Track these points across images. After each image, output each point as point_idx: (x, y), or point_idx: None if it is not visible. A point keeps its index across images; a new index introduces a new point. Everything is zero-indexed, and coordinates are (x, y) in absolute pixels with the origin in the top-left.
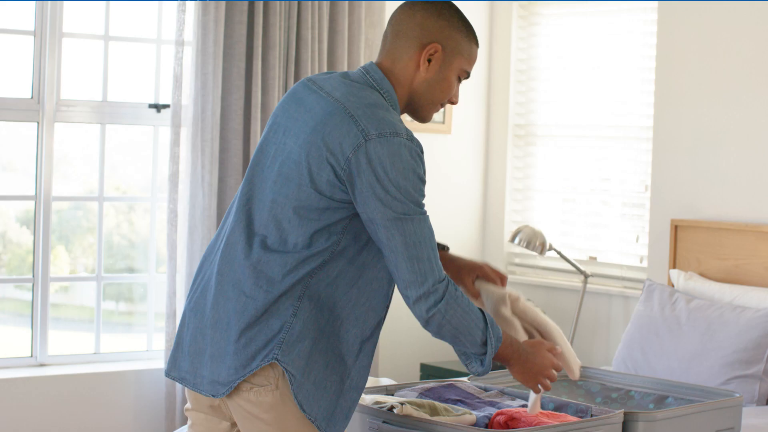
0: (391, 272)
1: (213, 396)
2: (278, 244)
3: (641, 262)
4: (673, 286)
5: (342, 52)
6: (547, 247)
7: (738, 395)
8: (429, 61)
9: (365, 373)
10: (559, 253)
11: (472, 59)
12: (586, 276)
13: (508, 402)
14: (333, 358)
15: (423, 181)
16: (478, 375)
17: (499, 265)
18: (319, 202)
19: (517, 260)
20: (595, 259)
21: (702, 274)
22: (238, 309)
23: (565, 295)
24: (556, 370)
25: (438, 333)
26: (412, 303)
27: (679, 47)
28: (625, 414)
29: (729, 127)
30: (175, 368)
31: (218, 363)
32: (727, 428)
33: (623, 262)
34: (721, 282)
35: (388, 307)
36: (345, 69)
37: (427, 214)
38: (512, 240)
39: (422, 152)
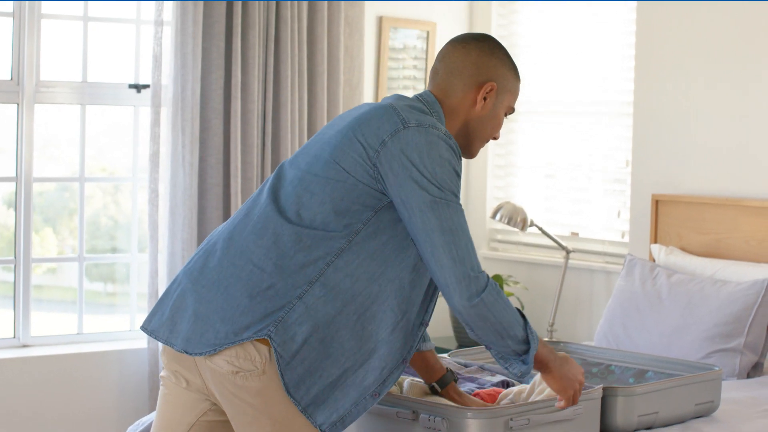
0: (426, 261)
1: (186, 352)
2: (295, 217)
3: (623, 237)
4: (654, 260)
5: (322, 30)
6: (529, 223)
7: (717, 369)
8: (484, 98)
9: (375, 375)
10: (540, 228)
11: (517, 95)
12: (567, 252)
13: (488, 378)
14: (338, 350)
15: (458, 176)
16: (520, 376)
17: (482, 242)
18: (338, 175)
19: (499, 236)
20: (577, 234)
21: (683, 249)
22: (243, 277)
23: (548, 271)
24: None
25: (481, 326)
26: (452, 290)
27: (659, 23)
28: (604, 389)
29: (709, 102)
30: (150, 321)
31: (203, 323)
32: (707, 402)
33: (605, 237)
34: (702, 256)
35: (407, 311)
36: (324, 47)
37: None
38: (493, 216)
39: (460, 154)
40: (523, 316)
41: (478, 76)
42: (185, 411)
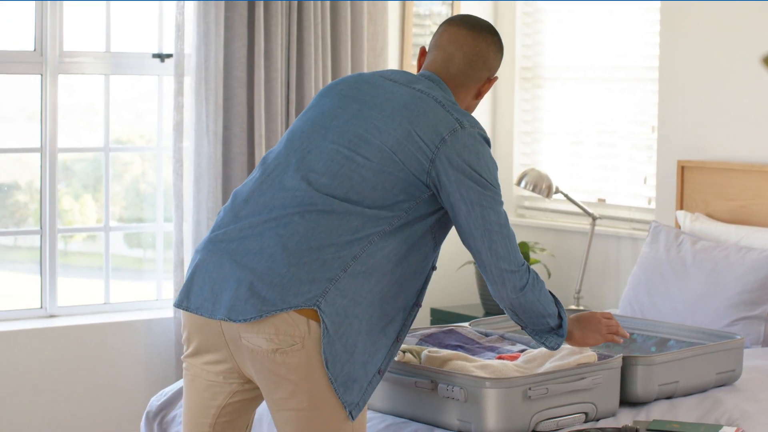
0: (478, 250)
1: (229, 319)
2: (341, 195)
3: (649, 203)
4: (680, 227)
5: None
6: (554, 189)
7: (739, 337)
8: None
9: (383, 352)
10: (566, 195)
11: None
12: (594, 218)
13: (508, 347)
14: (372, 327)
15: None
16: (556, 348)
17: (509, 208)
18: (394, 167)
19: (526, 203)
20: (604, 201)
21: (709, 215)
22: (290, 247)
23: (574, 238)
24: (606, 316)
25: (527, 312)
26: (506, 277)
27: None
28: (624, 358)
29: (735, 66)
30: (188, 299)
31: (248, 290)
32: (729, 370)
33: (632, 203)
34: (728, 223)
35: (418, 295)
36: (347, 13)
37: None
38: (518, 183)
39: None
40: (551, 293)
41: (490, 71)
42: (214, 394)
